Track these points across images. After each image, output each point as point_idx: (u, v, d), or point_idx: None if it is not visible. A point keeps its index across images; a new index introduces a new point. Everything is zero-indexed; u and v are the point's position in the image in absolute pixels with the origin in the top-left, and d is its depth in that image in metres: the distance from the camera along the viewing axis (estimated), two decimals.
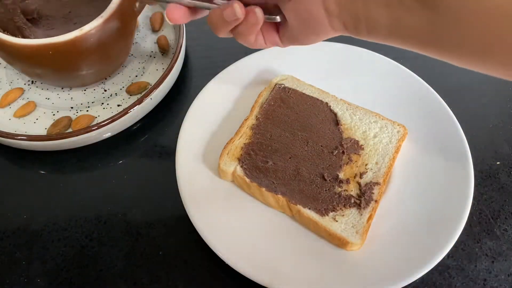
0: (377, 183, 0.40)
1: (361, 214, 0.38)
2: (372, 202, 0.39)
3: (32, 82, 0.51)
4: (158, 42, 0.53)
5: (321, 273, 0.36)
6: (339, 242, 0.37)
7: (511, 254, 0.40)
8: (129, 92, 0.49)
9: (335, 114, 0.44)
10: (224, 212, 0.39)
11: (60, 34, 0.42)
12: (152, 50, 0.53)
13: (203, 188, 0.41)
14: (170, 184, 0.41)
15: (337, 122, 0.44)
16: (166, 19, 0.34)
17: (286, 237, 0.38)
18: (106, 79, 0.51)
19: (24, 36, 0.45)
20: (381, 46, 0.55)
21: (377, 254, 0.37)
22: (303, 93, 0.46)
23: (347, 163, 0.41)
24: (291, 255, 0.35)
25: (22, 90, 0.50)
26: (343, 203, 0.39)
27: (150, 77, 0.51)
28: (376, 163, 0.41)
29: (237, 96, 0.47)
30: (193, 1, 0.33)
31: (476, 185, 0.40)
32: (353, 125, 0.44)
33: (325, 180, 0.40)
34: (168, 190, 0.42)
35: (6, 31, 0.44)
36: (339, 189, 0.40)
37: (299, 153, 0.42)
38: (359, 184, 0.40)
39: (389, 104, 0.46)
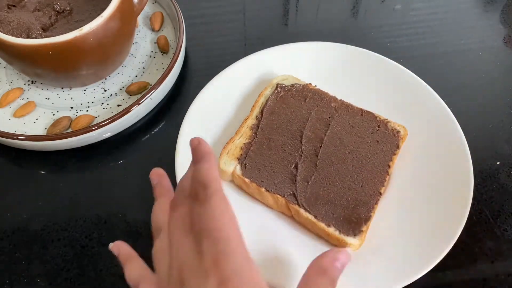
0: None
1: None
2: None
3: (32, 82, 0.51)
4: (158, 42, 0.53)
5: None
6: (338, 242, 0.37)
7: (511, 254, 0.40)
8: (129, 92, 0.49)
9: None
10: None
11: (60, 34, 0.42)
12: (152, 50, 0.53)
13: None
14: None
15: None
16: None
17: (285, 237, 0.38)
18: (106, 79, 0.51)
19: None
20: (381, 47, 0.55)
21: (376, 254, 0.37)
22: (303, 93, 0.46)
23: None
24: (290, 255, 0.35)
25: (22, 90, 0.50)
26: None
27: (150, 77, 0.51)
28: None
29: (237, 96, 0.47)
30: None
31: (476, 185, 0.40)
32: None
33: None
34: None
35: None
36: None
37: (299, 153, 0.42)
38: None
39: (389, 105, 0.46)
